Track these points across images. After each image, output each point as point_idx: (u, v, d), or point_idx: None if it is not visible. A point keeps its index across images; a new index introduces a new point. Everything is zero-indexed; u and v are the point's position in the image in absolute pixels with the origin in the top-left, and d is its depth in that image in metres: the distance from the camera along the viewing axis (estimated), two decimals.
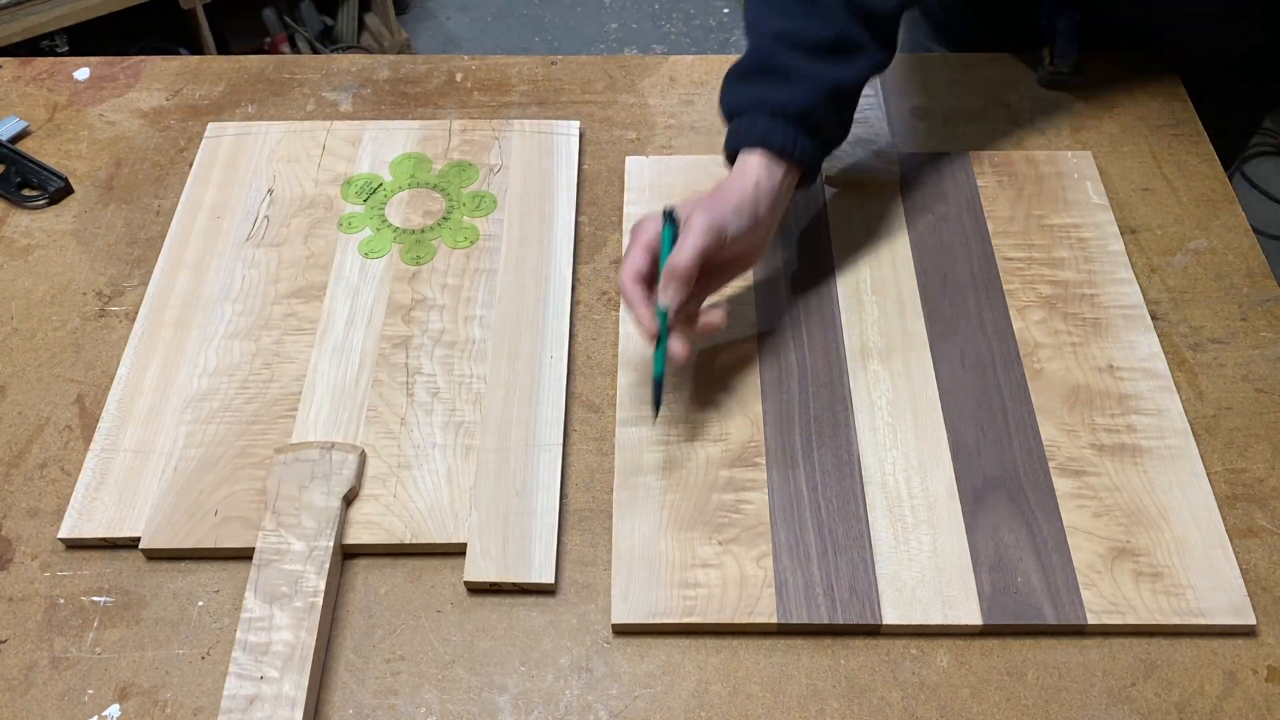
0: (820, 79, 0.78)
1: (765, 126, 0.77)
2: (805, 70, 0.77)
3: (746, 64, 0.80)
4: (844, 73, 0.79)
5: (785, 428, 0.78)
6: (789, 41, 0.78)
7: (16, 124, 1.02)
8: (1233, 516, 0.75)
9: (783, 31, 0.78)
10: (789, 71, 0.78)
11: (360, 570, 0.73)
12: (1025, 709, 0.67)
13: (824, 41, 0.78)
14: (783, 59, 0.78)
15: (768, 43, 0.79)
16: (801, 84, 0.77)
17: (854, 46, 0.79)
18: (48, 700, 0.68)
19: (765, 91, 0.78)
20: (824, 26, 0.78)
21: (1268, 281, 0.88)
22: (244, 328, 0.85)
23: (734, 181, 0.77)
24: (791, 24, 0.79)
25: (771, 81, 0.78)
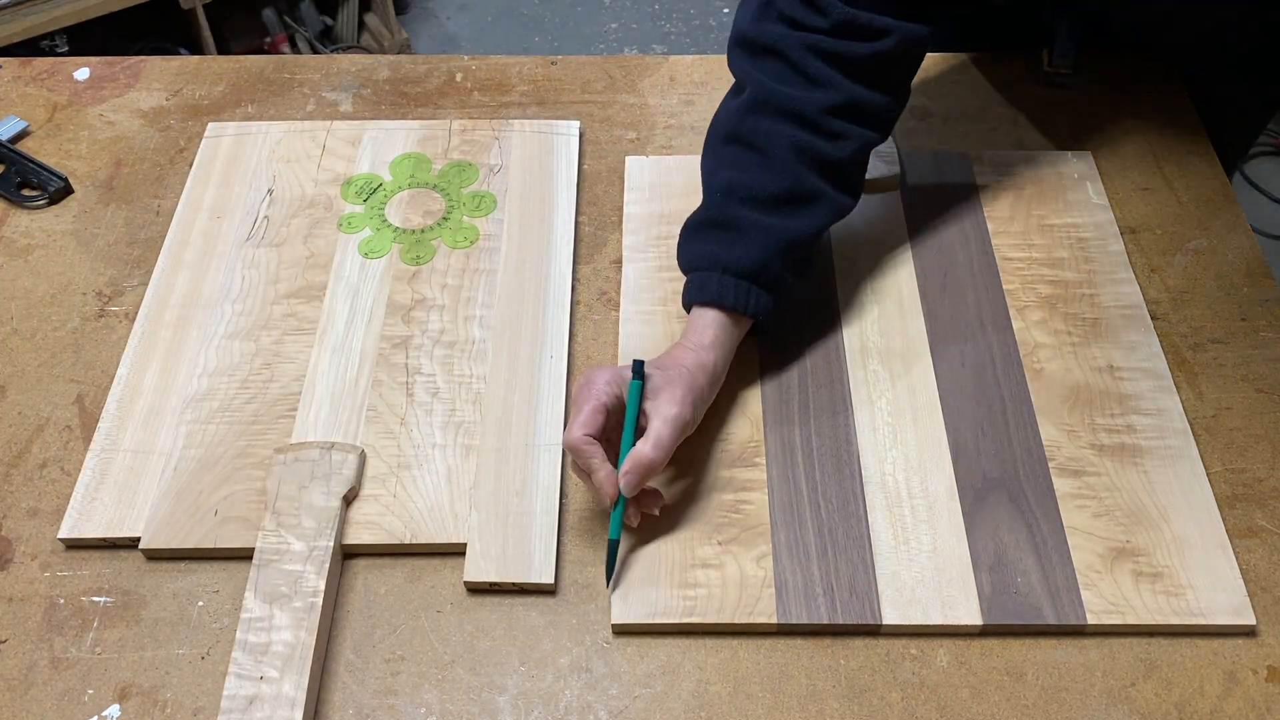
0: (772, 233, 0.77)
1: (718, 285, 0.76)
2: (759, 224, 0.77)
3: (701, 217, 0.80)
4: (799, 224, 0.78)
5: (785, 428, 0.78)
6: (740, 195, 0.77)
7: (16, 124, 1.02)
8: (1233, 516, 0.75)
9: (733, 184, 0.78)
10: (742, 226, 0.77)
11: (360, 570, 0.73)
12: (1025, 709, 0.67)
13: (776, 195, 0.77)
14: (734, 213, 0.77)
15: (720, 197, 0.78)
16: (754, 239, 0.77)
17: (809, 197, 0.78)
18: (48, 700, 0.68)
19: (718, 248, 0.77)
20: (776, 179, 0.77)
21: (1268, 281, 0.88)
22: (244, 328, 0.85)
23: (691, 340, 0.76)
24: (742, 176, 0.78)
25: (725, 237, 0.77)
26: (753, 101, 0.78)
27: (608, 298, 0.88)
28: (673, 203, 0.93)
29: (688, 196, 0.93)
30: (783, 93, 0.77)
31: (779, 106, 0.77)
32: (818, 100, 0.77)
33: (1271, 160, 2.29)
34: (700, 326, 0.76)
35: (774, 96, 0.78)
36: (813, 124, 0.77)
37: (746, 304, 0.76)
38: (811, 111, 0.77)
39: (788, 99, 0.77)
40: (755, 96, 0.78)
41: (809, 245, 0.79)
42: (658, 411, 0.71)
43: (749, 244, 0.77)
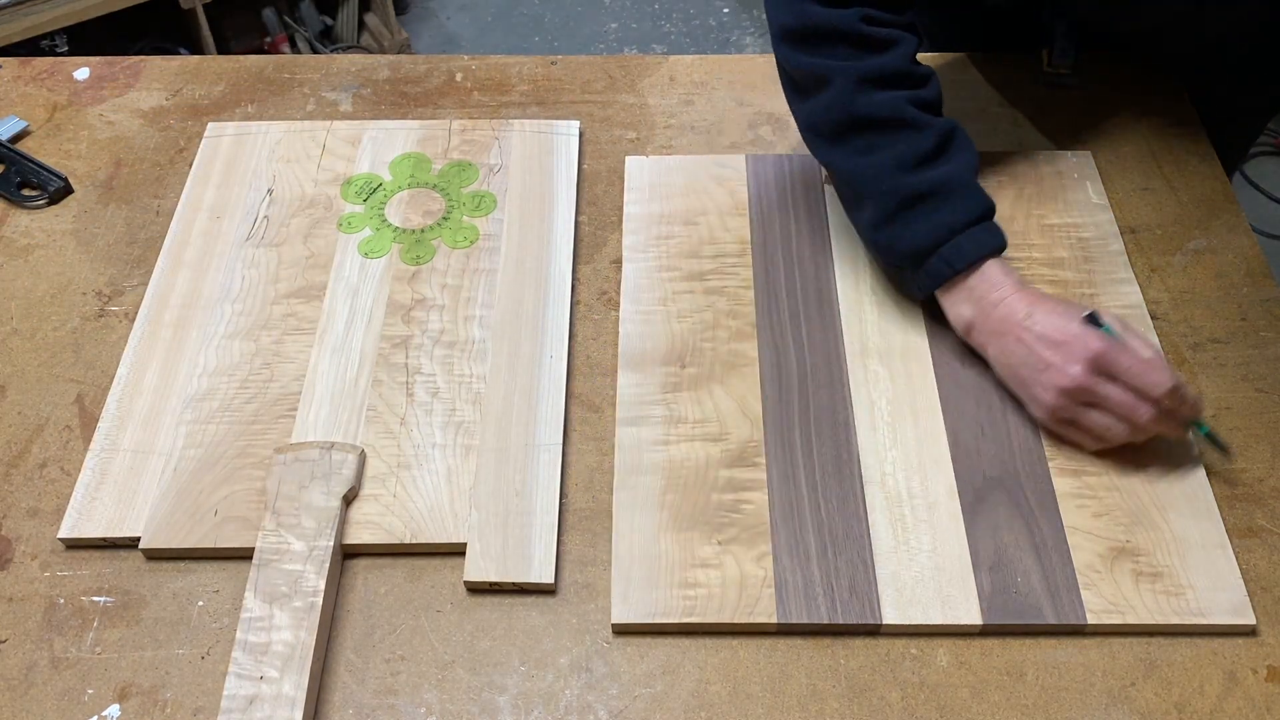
0: (964, 177, 0.79)
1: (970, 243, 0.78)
2: (950, 179, 0.79)
3: (889, 207, 0.80)
4: (967, 156, 0.81)
5: (785, 428, 0.78)
6: (911, 166, 0.79)
7: (16, 124, 1.02)
8: (1233, 516, 0.75)
9: (897, 162, 0.79)
10: (941, 190, 0.79)
11: (360, 570, 0.73)
12: (1025, 709, 0.67)
13: (934, 147, 0.79)
14: (924, 183, 0.79)
15: (893, 180, 0.79)
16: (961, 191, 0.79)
17: (951, 132, 0.81)
18: (48, 700, 0.68)
19: (939, 218, 0.78)
20: (925, 136, 0.79)
21: (1268, 281, 0.88)
22: (244, 328, 0.85)
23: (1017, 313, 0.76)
24: (896, 150, 0.79)
25: (932, 205, 0.79)
26: (851, 84, 0.79)
27: (608, 298, 0.88)
28: (673, 203, 0.93)
29: (687, 196, 0.93)
30: (870, 64, 0.80)
31: (877, 77, 0.79)
32: (899, 55, 0.80)
33: (1271, 160, 2.29)
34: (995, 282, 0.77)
35: (868, 70, 0.80)
36: (909, 78, 0.81)
37: (999, 240, 0.79)
38: (904, 67, 0.80)
39: (879, 67, 0.80)
40: (850, 79, 0.79)
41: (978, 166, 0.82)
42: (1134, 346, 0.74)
43: (961, 197, 0.79)
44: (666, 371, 0.82)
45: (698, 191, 0.94)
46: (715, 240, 0.90)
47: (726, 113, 1.03)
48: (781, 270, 0.88)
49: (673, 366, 0.82)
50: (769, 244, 0.90)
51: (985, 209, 0.79)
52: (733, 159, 0.96)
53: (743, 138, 1.00)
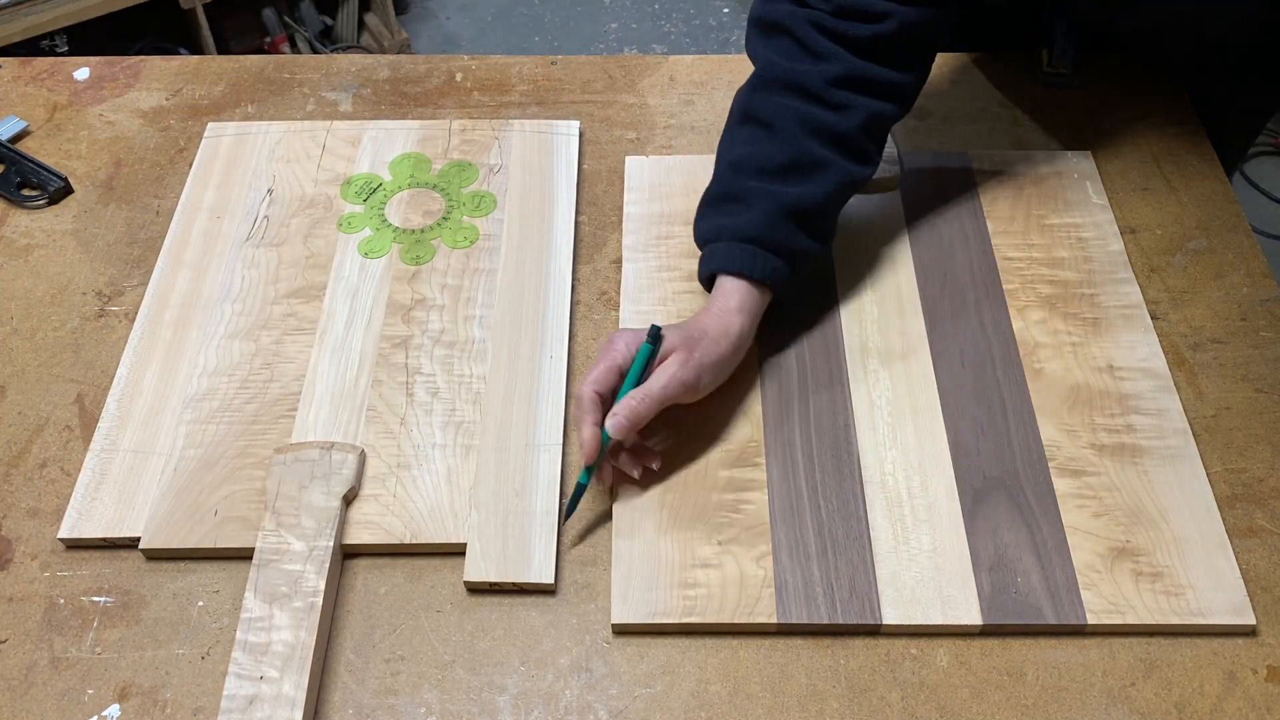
0: (776, 198, 0.79)
1: (726, 251, 0.79)
2: (763, 192, 0.79)
3: (712, 193, 0.83)
4: (805, 189, 0.79)
5: (785, 428, 0.78)
6: (748, 168, 0.80)
7: (16, 124, 1.02)
8: (1233, 516, 0.75)
9: (742, 159, 0.81)
10: (748, 196, 0.80)
11: (360, 570, 0.73)
12: (1025, 709, 0.67)
13: (782, 164, 0.80)
14: (742, 185, 0.80)
15: (729, 172, 0.82)
16: (760, 206, 0.79)
17: (815, 165, 0.80)
18: (48, 700, 0.68)
19: (727, 218, 0.80)
20: (780, 150, 0.80)
21: (1268, 281, 0.88)
22: (244, 328, 0.85)
23: (716, 305, 0.78)
24: (750, 150, 0.81)
25: (733, 207, 0.80)
26: (760, 80, 0.82)
27: (608, 298, 0.88)
28: (673, 203, 0.93)
29: (688, 196, 0.93)
30: (786, 67, 0.81)
31: (784, 81, 0.81)
32: (821, 72, 0.80)
33: (1271, 160, 2.29)
34: (725, 293, 0.79)
35: (779, 72, 0.81)
36: (816, 96, 0.80)
37: (754, 267, 0.78)
38: (814, 84, 0.80)
39: (790, 73, 0.80)
40: (762, 74, 0.82)
41: (822, 212, 0.81)
42: (662, 369, 0.74)
43: (755, 211, 0.79)
44: None
45: (698, 191, 0.94)
46: None
47: (726, 113, 1.02)
48: None
49: None
50: None
51: (763, 235, 0.78)
52: None
53: None
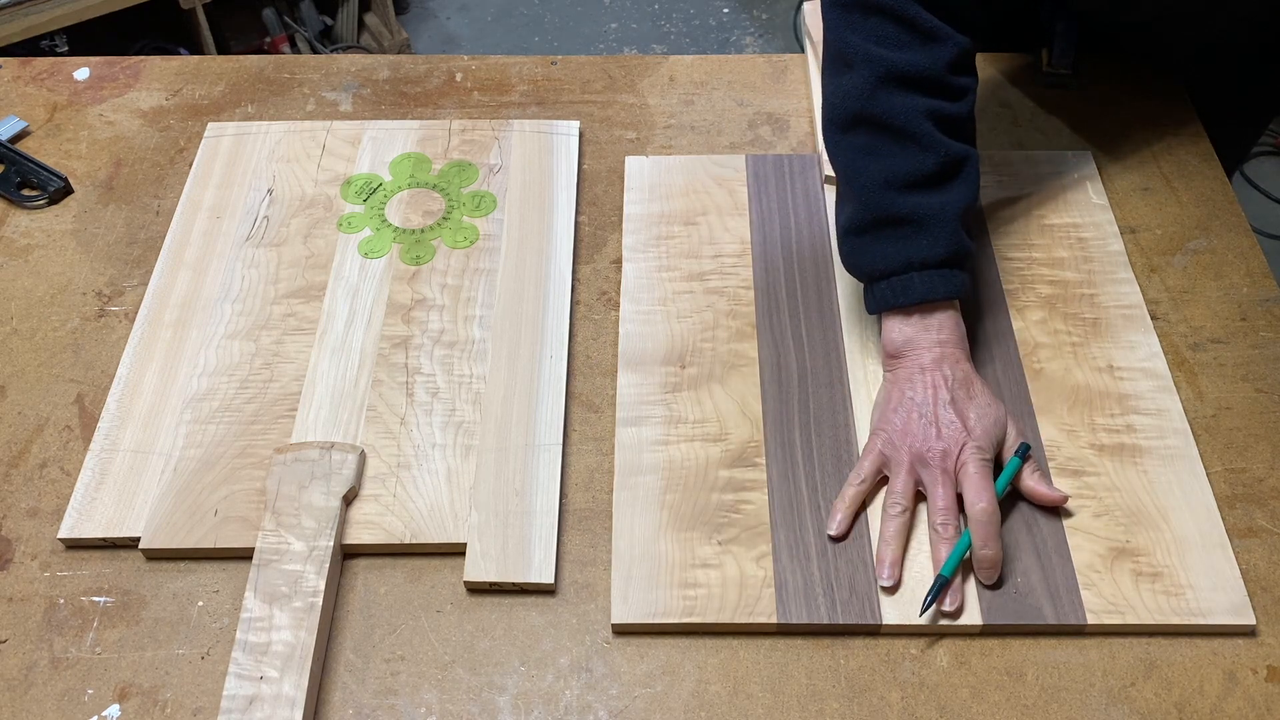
0: (948, 213, 0.75)
1: (924, 283, 0.75)
2: (933, 209, 0.75)
3: (865, 218, 0.77)
4: (963, 191, 0.77)
5: (785, 428, 0.78)
6: (900, 184, 0.75)
7: (16, 124, 1.02)
8: (1233, 516, 0.75)
9: (890, 175, 0.75)
10: (918, 218, 0.75)
11: (360, 570, 0.73)
12: (1025, 709, 0.67)
13: (935, 173, 0.75)
14: (903, 205, 0.75)
15: (879, 192, 0.76)
16: (936, 227, 0.75)
17: (961, 162, 0.77)
18: (48, 700, 0.68)
19: (904, 247, 0.75)
20: (927, 158, 0.75)
21: (1268, 281, 0.88)
22: (244, 328, 0.85)
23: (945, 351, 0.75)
24: (894, 163, 0.75)
25: (905, 232, 0.76)
26: (875, 78, 0.75)
27: (608, 298, 0.88)
28: (673, 203, 0.93)
29: (687, 196, 0.93)
30: (903, 60, 0.75)
31: (904, 76, 0.75)
32: (939, 58, 0.75)
33: (1271, 160, 2.29)
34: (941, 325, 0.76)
35: (898, 66, 0.75)
36: (940, 86, 0.76)
37: (955, 288, 0.76)
38: (937, 72, 0.75)
39: (911, 66, 0.75)
40: (876, 71, 0.75)
41: (977, 209, 0.78)
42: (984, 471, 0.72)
43: (934, 233, 0.75)
44: (666, 371, 0.82)
45: (698, 191, 0.94)
46: (715, 240, 0.90)
47: (726, 113, 1.03)
48: (781, 270, 0.88)
49: (673, 366, 0.82)
50: (769, 244, 0.90)
51: (953, 253, 0.76)
52: (733, 159, 0.96)
53: (743, 138, 1.00)
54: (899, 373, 0.77)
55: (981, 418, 0.74)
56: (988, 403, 0.75)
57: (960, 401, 0.74)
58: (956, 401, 0.74)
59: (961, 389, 0.74)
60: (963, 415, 0.73)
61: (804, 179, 0.95)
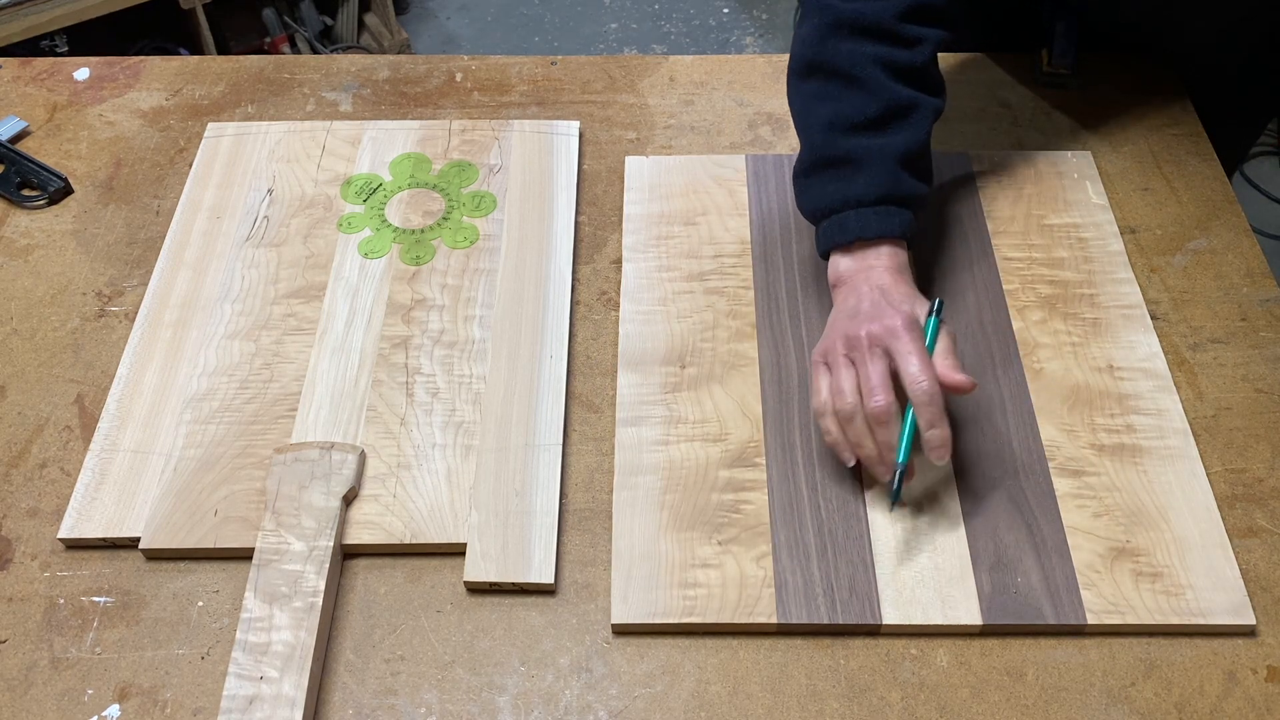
0: (887, 153, 0.77)
1: (858, 220, 0.77)
2: (872, 150, 0.77)
3: (810, 159, 0.79)
4: (907, 136, 0.78)
5: (785, 428, 0.78)
6: (843, 126, 0.77)
7: (16, 124, 1.02)
8: (1233, 516, 0.75)
9: (834, 118, 0.78)
10: (856, 157, 0.77)
11: (360, 570, 0.73)
12: (1025, 709, 0.67)
13: (877, 116, 0.77)
14: (844, 146, 0.77)
15: (823, 134, 0.78)
16: (874, 166, 0.77)
17: (907, 107, 0.78)
18: (48, 700, 0.68)
19: (840, 184, 0.77)
20: (871, 101, 0.77)
21: (1268, 281, 0.88)
22: (244, 328, 0.85)
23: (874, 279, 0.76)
24: (839, 106, 0.78)
25: (843, 172, 0.77)
26: (825, 26, 0.78)
27: (608, 298, 0.88)
28: (673, 203, 0.93)
29: (687, 196, 0.93)
30: (851, 8, 0.77)
31: (853, 24, 0.77)
32: (888, 7, 0.77)
33: (1271, 160, 2.29)
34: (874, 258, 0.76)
35: (844, 14, 0.77)
36: (889, 34, 0.78)
37: (892, 226, 0.77)
38: (886, 21, 0.77)
39: (857, 14, 0.77)
40: (826, 19, 0.78)
41: (924, 153, 0.79)
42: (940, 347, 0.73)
43: (871, 170, 0.77)
44: (666, 372, 0.82)
45: (698, 191, 0.94)
46: (715, 240, 0.90)
47: (726, 113, 1.03)
48: (781, 270, 0.88)
49: (673, 367, 0.82)
50: (769, 244, 0.90)
51: (889, 192, 0.77)
52: (733, 159, 0.96)
53: (743, 138, 1.00)
54: (836, 296, 0.78)
55: (907, 299, 0.74)
56: (912, 293, 0.75)
57: (886, 294, 0.74)
58: (884, 295, 0.74)
59: (890, 286, 0.75)
60: (888, 301, 0.73)
61: None
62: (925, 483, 0.75)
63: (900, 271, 0.77)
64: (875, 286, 0.75)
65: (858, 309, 0.74)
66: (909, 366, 0.70)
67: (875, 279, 0.76)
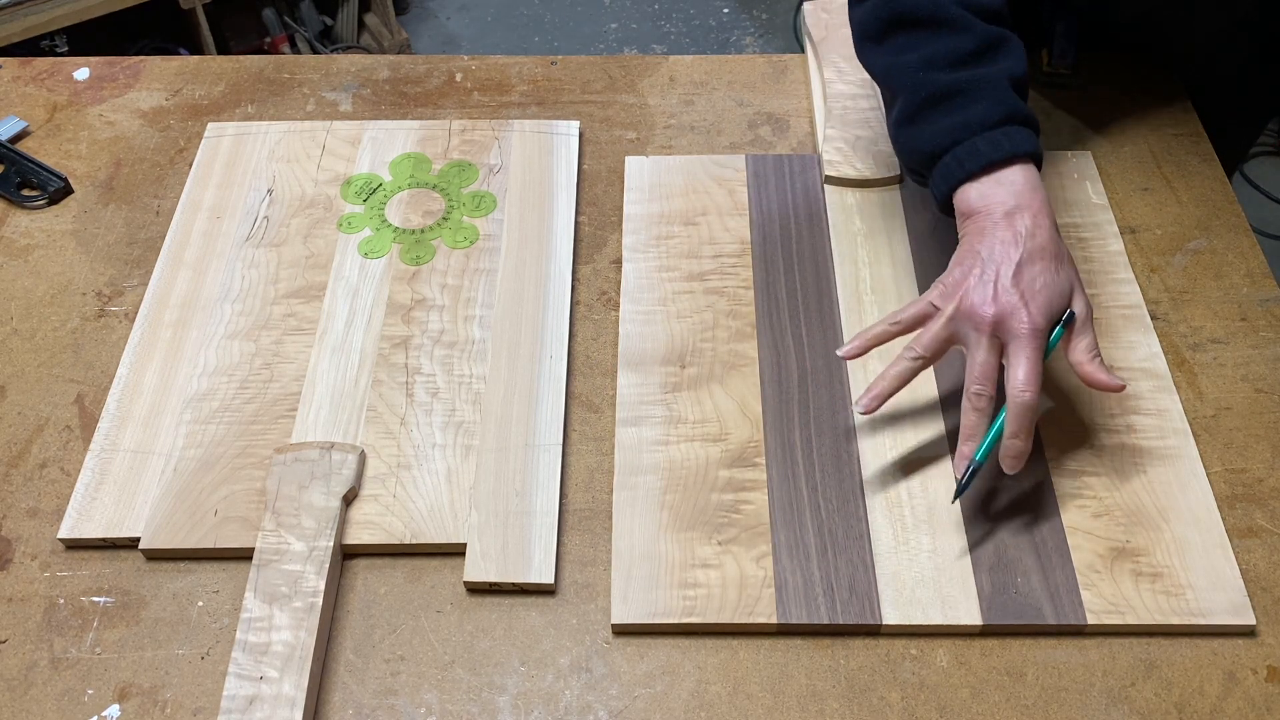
0: (996, 79, 0.73)
1: (987, 144, 0.72)
2: (981, 79, 0.74)
3: (914, 103, 0.75)
4: (1011, 64, 0.75)
5: (785, 428, 0.78)
6: (942, 64, 0.74)
7: (16, 124, 1.02)
8: (1233, 516, 0.75)
9: (930, 59, 0.75)
10: (968, 88, 0.73)
11: (360, 570, 0.73)
12: (1025, 709, 0.67)
13: (976, 50, 0.74)
14: (951, 80, 0.74)
15: (922, 76, 0.75)
16: (986, 92, 0.73)
17: (1001, 39, 0.75)
18: (48, 700, 0.68)
19: (957, 116, 0.73)
20: (966, 38, 0.74)
21: (1268, 281, 0.88)
22: (244, 328, 0.85)
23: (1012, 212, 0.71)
24: (934, 50, 0.75)
25: (956, 104, 0.74)
26: None
27: (608, 298, 0.88)
28: (673, 203, 0.93)
29: (687, 196, 0.94)
30: None
31: None
32: None
33: (1271, 160, 2.29)
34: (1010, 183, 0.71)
35: None
36: None
37: (1024, 143, 0.73)
38: None
39: None
40: None
41: (1027, 86, 0.76)
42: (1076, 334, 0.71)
43: (988, 98, 0.73)
44: (666, 371, 0.82)
45: (698, 191, 0.94)
46: (715, 240, 0.90)
47: (726, 113, 1.03)
48: (781, 270, 0.88)
49: (673, 366, 0.82)
50: (769, 244, 0.90)
51: (1010, 113, 0.73)
52: (733, 159, 0.96)
53: (743, 138, 1.00)
54: (969, 228, 0.73)
55: (1047, 288, 0.69)
56: (1057, 271, 0.71)
57: (1029, 265, 0.70)
58: (1025, 265, 0.69)
59: (1037, 250, 0.70)
60: (1026, 285, 0.69)
61: (804, 179, 0.95)
62: (925, 481, 0.75)
63: (1043, 201, 0.71)
64: (1019, 235, 0.70)
65: (992, 268, 0.69)
66: (1018, 371, 0.68)
67: (1023, 217, 0.70)
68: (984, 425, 0.70)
